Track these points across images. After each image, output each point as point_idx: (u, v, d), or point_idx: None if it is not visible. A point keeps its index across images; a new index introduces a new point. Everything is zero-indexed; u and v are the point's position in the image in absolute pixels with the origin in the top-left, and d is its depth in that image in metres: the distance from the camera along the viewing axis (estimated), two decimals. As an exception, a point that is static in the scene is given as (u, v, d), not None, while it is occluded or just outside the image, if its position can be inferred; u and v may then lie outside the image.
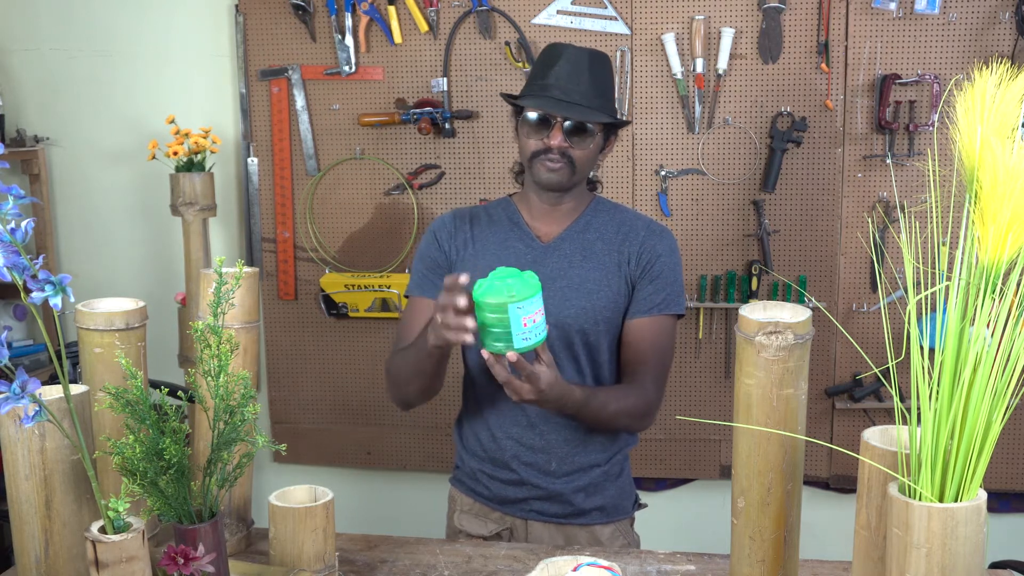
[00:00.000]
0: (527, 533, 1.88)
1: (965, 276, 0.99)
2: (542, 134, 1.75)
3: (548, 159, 1.75)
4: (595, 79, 1.76)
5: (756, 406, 1.28)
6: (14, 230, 1.12)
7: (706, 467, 2.88)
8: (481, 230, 1.86)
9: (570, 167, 1.76)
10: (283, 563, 1.49)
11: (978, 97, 0.99)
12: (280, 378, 3.03)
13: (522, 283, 1.49)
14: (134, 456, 1.21)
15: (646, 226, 1.86)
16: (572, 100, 1.73)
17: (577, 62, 1.75)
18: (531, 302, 1.49)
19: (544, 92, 1.74)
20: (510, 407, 1.82)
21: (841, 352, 2.74)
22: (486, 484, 1.89)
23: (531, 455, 1.83)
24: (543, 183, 1.79)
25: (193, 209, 2.68)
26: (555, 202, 1.84)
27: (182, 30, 2.96)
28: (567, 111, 1.72)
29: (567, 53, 1.77)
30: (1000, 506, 2.80)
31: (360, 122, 2.81)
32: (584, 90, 1.74)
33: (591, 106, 1.74)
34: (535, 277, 1.51)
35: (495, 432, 1.86)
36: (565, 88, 1.73)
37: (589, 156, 1.78)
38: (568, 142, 1.74)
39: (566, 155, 1.75)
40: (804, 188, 2.70)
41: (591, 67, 1.76)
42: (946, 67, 2.60)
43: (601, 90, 1.77)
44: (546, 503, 1.86)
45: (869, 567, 1.17)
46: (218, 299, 1.29)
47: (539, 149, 1.76)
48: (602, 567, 1.30)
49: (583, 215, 1.86)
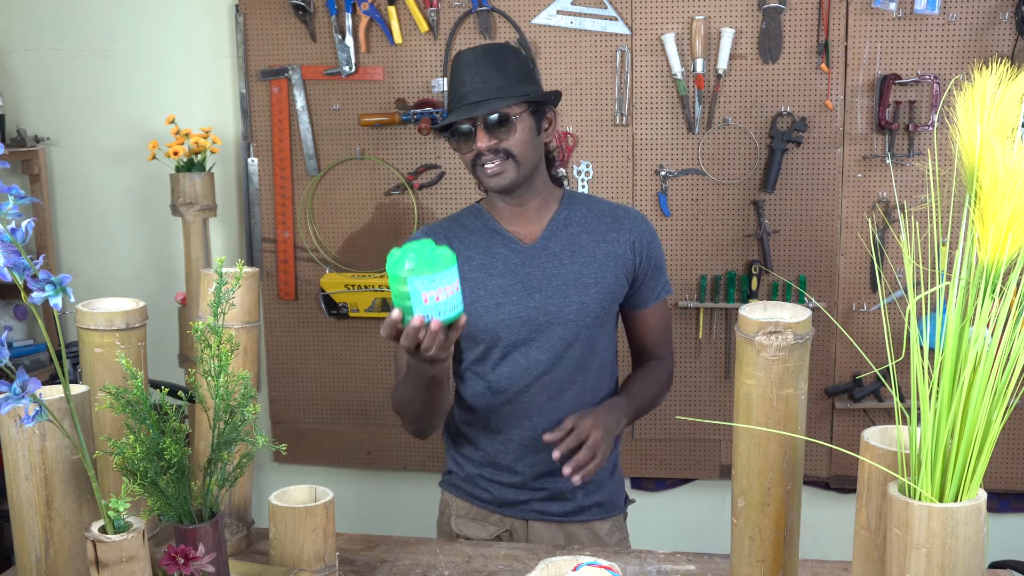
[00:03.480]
0: (528, 533, 1.88)
1: (965, 276, 0.99)
2: (470, 143, 1.74)
3: (485, 163, 1.74)
4: (496, 68, 1.74)
5: (756, 406, 1.28)
6: (14, 230, 1.12)
7: (706, 467, 2.88)
8: (460, 242, 1.84)
9: (511, 161, 1.74)
10: (283, 563, 1.49)
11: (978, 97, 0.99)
12: (280, 378, 3.03)
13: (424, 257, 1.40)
14: (134, 456, 1.21)
15: (627, 213, 1.88)
16: (481, 99, 1.72)
17: (473, 62, 1.75)
18: (433, 278, 1.41)
19: (459, 104, 1.74)
20: (512, 408, 1.82)
21: (841, 352, 2.74)
22: (485, 487, 1.89)
23: (535, 456, 1.83)
24: (492, 188, 1.78)
25: (193, 209, 2.68)
26: (519, 202, 1.82)
27: (182, 30, 2.96)
28: (471, 111, 1.71)
29: (463, 59, 1.76)
30: (1000, 506, 2.80)
31: (360, 122, 2.81)
32: (489, 84, 1.72)
33: (499, 96, 1.72)
34: (448, 253, 1.44)
35: (497, 435, 1.85)
36: (474, 90, 1.73)
37: (525, 141, 1.75)
38: (495, 138, 1.73)
39: (500, 151, 1.73)
40: (804, 188, 2.70)
41: (488, 59, 1.75)
42: (946, 67, 2.60)
43: (505, 75, 1.74)
44: (548, 502, 1.86)
45: (869, 567, 1.17)
46: (218, 299, 1.29)
47: (473, 157, 1.75)
48: (602, 567, 1.30)
49: (560, 211, 1.85)
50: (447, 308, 1.44)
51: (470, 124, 1.73)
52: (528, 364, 1.79)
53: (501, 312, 1.78)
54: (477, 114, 1.71)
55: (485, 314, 1.77)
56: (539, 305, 1.77)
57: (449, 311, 1.45)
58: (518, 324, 1.78)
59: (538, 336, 1.78)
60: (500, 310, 1.78)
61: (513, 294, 1.78)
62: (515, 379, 1.80)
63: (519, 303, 1.77)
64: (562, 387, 1.81)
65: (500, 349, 1.80)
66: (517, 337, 1.79)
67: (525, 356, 1.79)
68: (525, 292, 1.78)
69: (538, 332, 1.78)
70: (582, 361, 1.81)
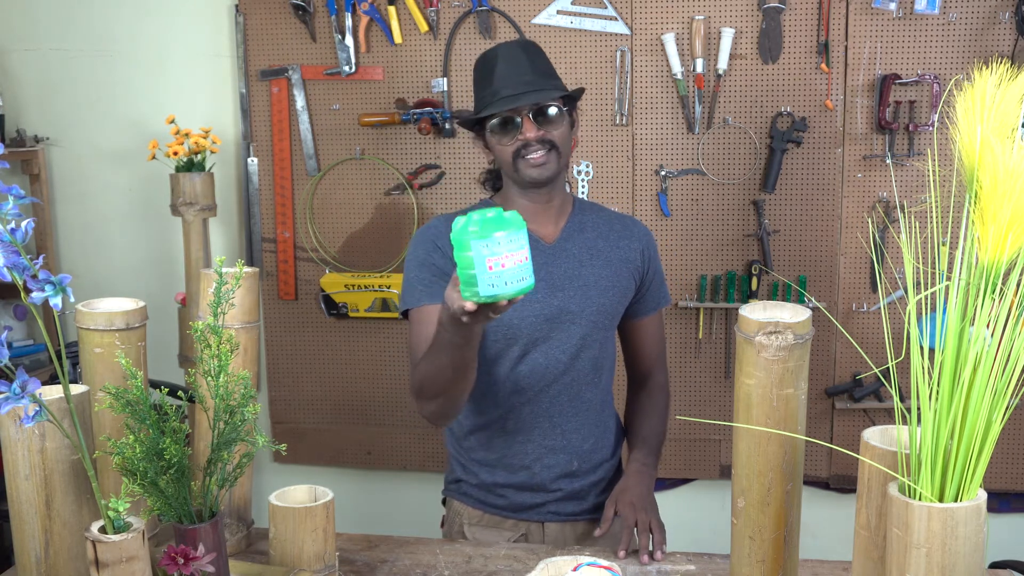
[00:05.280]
0: (544, 535, 1.88)
1: (965, 276, 0.99)
2: (513, 134, 1.73)
3: (530, 154, 1.73)
4: (534, 63, 1.75)
5: (756, 406, 1.28)
6: (14, 230, 1.12)
7: (706, 467, 2.88)
8: None
9: (554, 153, 1.75)
10: (283, 563, 1.49)
11: (978, 97, 0.99)
12: (280, 378, 3.03)
13: (493, 220, 1.29)
14: (134, 456, 1.21)
15: (633, 222, 1.92)
16: (526, 90, 1.71)
17: (512, 56, 1.75)
18: (500, 241, 1.27)
19: (495, 97, 1.73)
20: (532, 409, 1.82)
21: (841, 352, 2.74)
22: (500, 494, 1.87)
23: (552, 457, 1.83)
24: (534, 180, 1.75)
25: (193, 209, 2.68)
26: (546, 199, 1.82)
27: (182, 30, 2.96)
28: (523, 100, 1.70)
29: (500, 53, 1.76)
30: (1000, 506, 2.80)
31: (360, 122, 2.81)
32: (530, 77, 1.72)
33: (542, 88, 1.72)
34: (518, 217, 1.32)
35: (514, 436, 1.83)
36: (513, 83, 1.72)
37: (566, 136, 1.77)
38: (542, 128, 1.73)
39: (545, 142, 1.73)
40: (804, 188, 2.70)
41: (526, 54, 1.75)
42: (946, 67, 2.60)
43: (544, 71, 1.75)
44: (564, 503, 1.86)
45: (869, 567, 1.17)
46: (218, 299, 1.29)
47: (518, 147, 1.73)
48: (602, 567, 1.30)
49: (574, 215, 1.86)
50: (515, 278, 1.30)
51: (516, 115, 1.72)
52: (548, 363, 1.79)
53: (526, 309, 1.77)
54: (529, 103, 1.70)
55: (508, 311, 1.76)
56: (561, 304, 1.78)
57: (516, 282, 1.31)
58: (541, 321, 1.78)
59: (558, 334, 1.79)
60: (525, 307, 1.76)
61: (538, 291, 1.77)
62: (535, 378, 1.79)
63: (543, 300, 1.78)
64: (581, 388, 1.82)
65: (520, 346, 1.78)
66: (539, 334, 1.78)
67: (544, 354, 1.79)
68: (549, 290, 1.78)
69: (558, 330, 1.79)
70: (598, 362, 1.83)
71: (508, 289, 1.31)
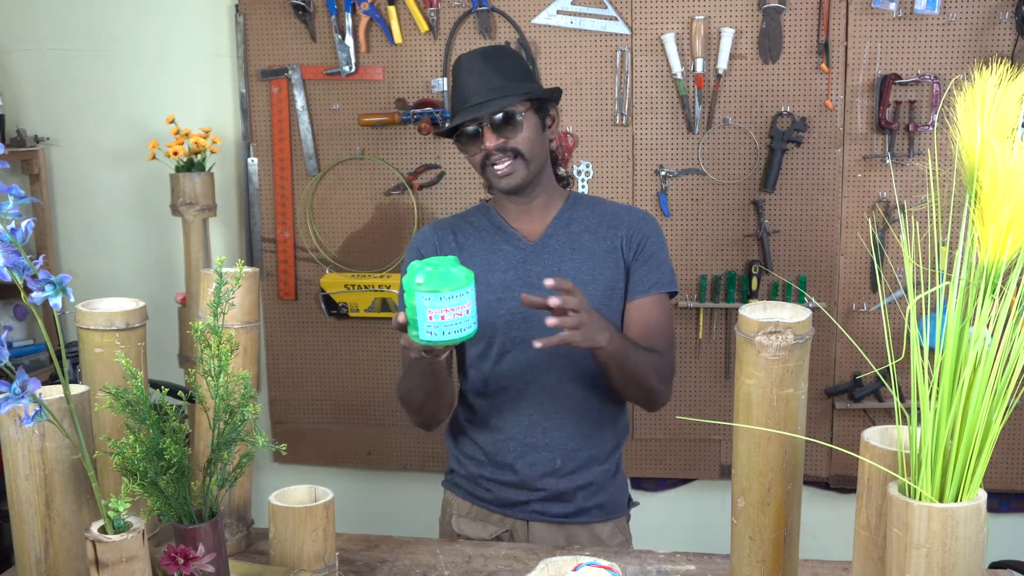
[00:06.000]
0: (528, 534, 1.88)
1: (965, 276, 0.99)
2: (479, 144, 1.76)
3: (494, 163, 1.76)
4: (498, 69, 1.77)
5: (756, 406, 1.28)
6: (14, 230, 1.12)
7: (706, 467, 2.88)
8: (467, 238, 1.87)
9: (520, 160, 1.76)
10: (283, 563, 1.49)
11: (978, 97, 0.99)
12: (280, 378, 3.03)
13: (439, 275, 1.38)
14: (134, 456, 1.21)
15: (628, 211, 1.89)
16: (485, 99, 1.74)
17: (472, 65, 1.78)
18: (441, 297, 1.38)
19: (463, 106, 1.76)
20: (512, 407, 1.83)
21: (841, 352, 2.74)
22: (487, 487, 1.89)
23: (535, 455, 1.83)
24: (503, 188, 1.80)
25: (193, 209, 2.68)
26: (526, 200, 1.85)
27: (182, 30, 2.96)
28: (476, 111, 1.73)
29: (464, 62, 1.79)
30: (1000, 506, 2.80)
31: (360, 122, 2.81)
32: (492, 85, 1.75)
33: (503, 95, 1.74)
34: (466, 274, 1.41)
35: (497, 434, 1.85)
36: (478, 92, 1.75)
37: (532, 139, 1.77)
38: (503, 137, 1.75)
39: (508, 150, 1.75)
40: (804, 188, 2.70)
41: (489, 61, 1.78)
42: (946, 67, 2.60)
43: (507, 75, 1.77)
44: (549, 503, 1.86)
45: (869, 567, 1.17)
46: (218, 299, 1.29)
47: (482, 157, 1.77)
48: (602, 567, 1.30)
49: (563, 210, 1.87)
50: (452, 329, 1.41)
51: (476, 125, 1.75)
52: (528, 360, 1.80)
53: (503, 308, 1.79)
54: (482, 114, 1.73)
55: (487, 309, 1.78)
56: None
57: (453, 332, 1.41)
58: (518, 320, 1.79)
59: (536, 333, 1.78)
60: (502, 306, 1.80)
61: (514, 290, 1.79)
62: (515, 376, 1.81)
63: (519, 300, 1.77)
64: (564, 386, 1.82)
65: (498, 346, 1.81)
66: (516, 333, 1.80)
67: (524, 352, 1.80)
68: (525, 289, 1.78)
69: (536, 329, 1.77)
70: (583, 360, 1.81)
71: (445, 338, 1.41)
